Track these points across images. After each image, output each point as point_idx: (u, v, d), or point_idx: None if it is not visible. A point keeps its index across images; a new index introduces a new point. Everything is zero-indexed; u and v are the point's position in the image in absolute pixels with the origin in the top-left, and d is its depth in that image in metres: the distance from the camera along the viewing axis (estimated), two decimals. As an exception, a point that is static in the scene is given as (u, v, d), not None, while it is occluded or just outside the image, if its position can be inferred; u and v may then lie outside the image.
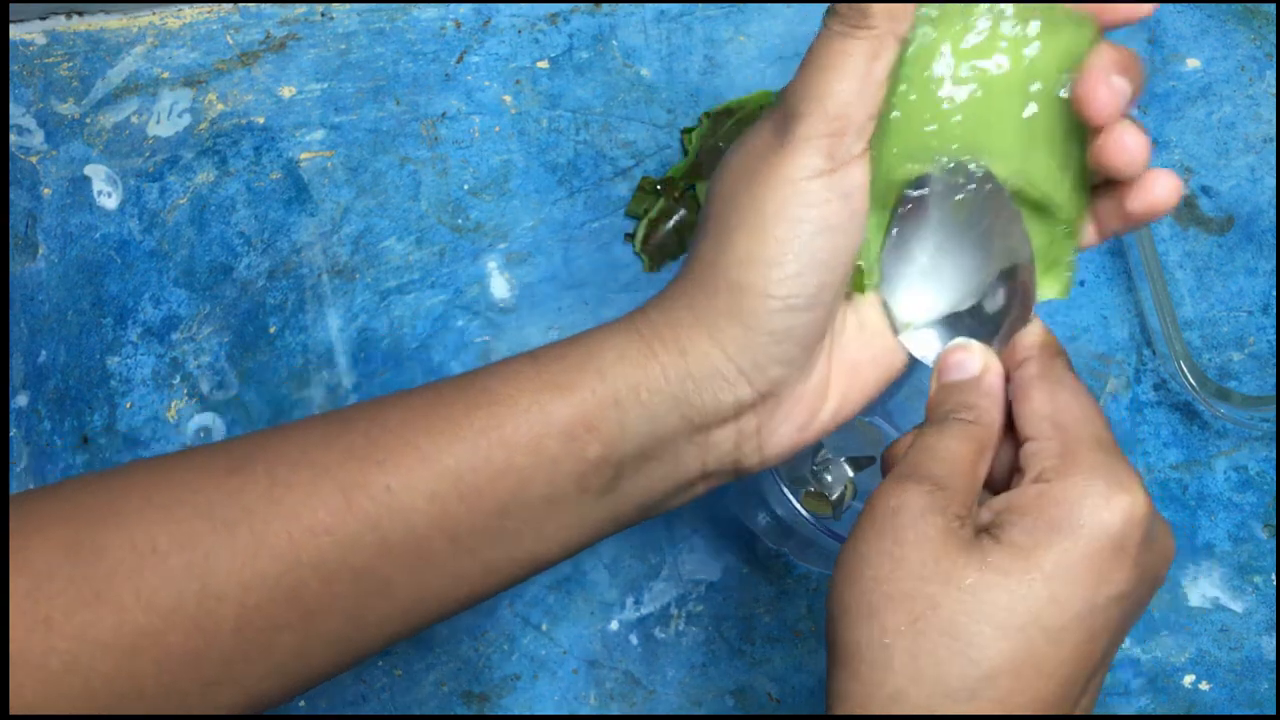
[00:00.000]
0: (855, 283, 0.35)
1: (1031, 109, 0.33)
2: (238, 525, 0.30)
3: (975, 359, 0.34)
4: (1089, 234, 0.36)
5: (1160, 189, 0.33)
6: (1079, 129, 0.33)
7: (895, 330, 0.35)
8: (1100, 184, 0.35)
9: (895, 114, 0.33)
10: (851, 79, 0.31)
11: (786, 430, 0.34)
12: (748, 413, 0.33)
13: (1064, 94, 0.33)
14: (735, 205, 0.32)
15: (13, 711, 0.28)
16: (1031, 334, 0.34)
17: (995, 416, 0.33)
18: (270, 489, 0.30)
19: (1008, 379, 0.34)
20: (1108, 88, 0.32)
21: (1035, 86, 0.33)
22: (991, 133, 0.33)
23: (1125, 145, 0.32)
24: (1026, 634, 0.29)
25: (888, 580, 0.30)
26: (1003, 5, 0.32)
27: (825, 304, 0.32)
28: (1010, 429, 0.33)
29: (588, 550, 0.51)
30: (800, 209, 0.31)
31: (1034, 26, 0.32)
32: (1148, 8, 0.33)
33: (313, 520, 0.30)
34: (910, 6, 0.31)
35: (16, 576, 0.29)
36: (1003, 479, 0.34)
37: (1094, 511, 0.29)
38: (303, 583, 0.30)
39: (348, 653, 0.32)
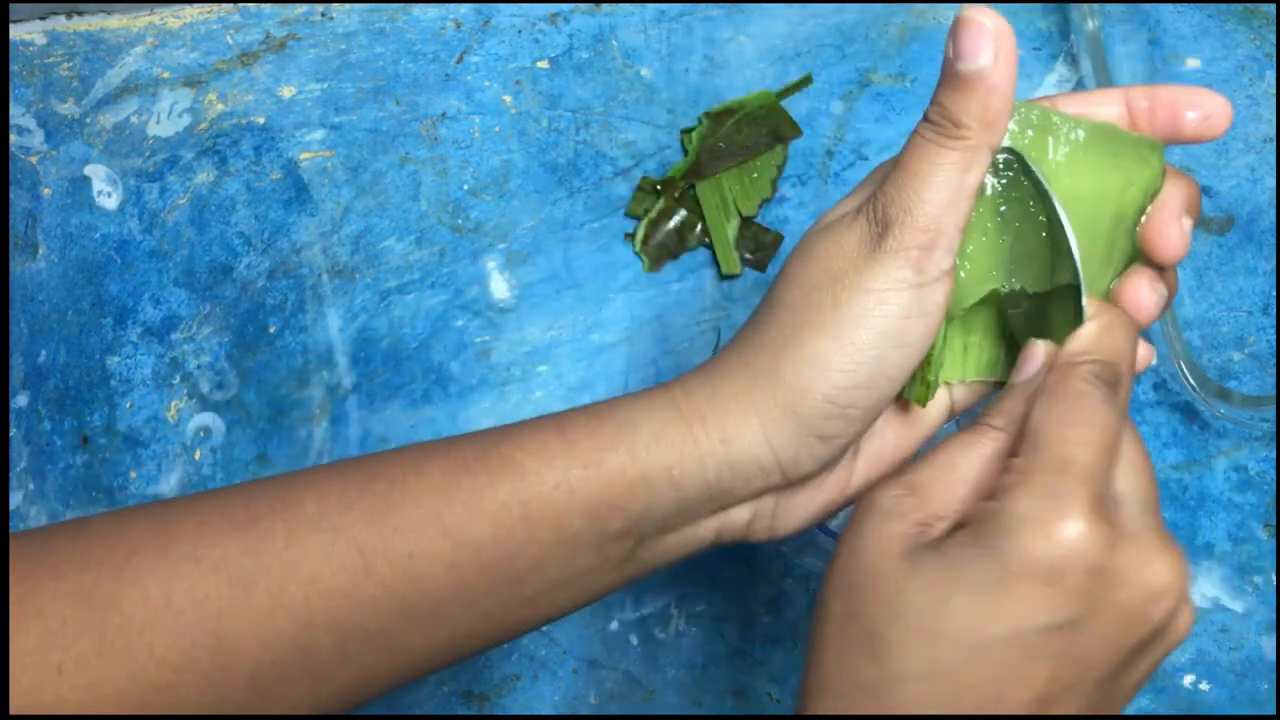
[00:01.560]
0: (917, 394, 0.34)
1: (1101, 236, 0.33)
2: (254, 584, 0.30)
3: (1037, 359, 0.33)
4: None
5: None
6: (1125, 245, 0.34)
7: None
8: None
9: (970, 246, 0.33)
10: (944, 190, 0.31)
11: (801, 514, 0.35)
12: (770, 495, 0.34)
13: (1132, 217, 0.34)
14: (813, 303, 0.32)
15: None
16: (1082, 339, 0.32)
17: (1016, 421, 0.33)
18: (288, 548, 0.31)
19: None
20: (1179, 230, 0.34)
21: (1106, 216, 0.33)
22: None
23: (1173, 245, 0.34)
24: (935, 641, 0.29)
25: (842, 573, 0.31)
26: (1079, 132, 0.33)
27: (874, 415, 0.33)
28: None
29: (588, 550, 0.51)
30: (883, 320, 0.31)
31: (1109, 152, 0.33)
32: (1220, 128, 0.33)
33: (331, 583, 0.30)
34: (1005, 118, 0.31)
35: (31, 622, 0.29)
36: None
37: (1024, 540, 0.29)
38: (316, 643, 0.31)
39: (356, 702, 0.33)
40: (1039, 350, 0.33)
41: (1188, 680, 0.52)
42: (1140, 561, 0.29)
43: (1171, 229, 0.33)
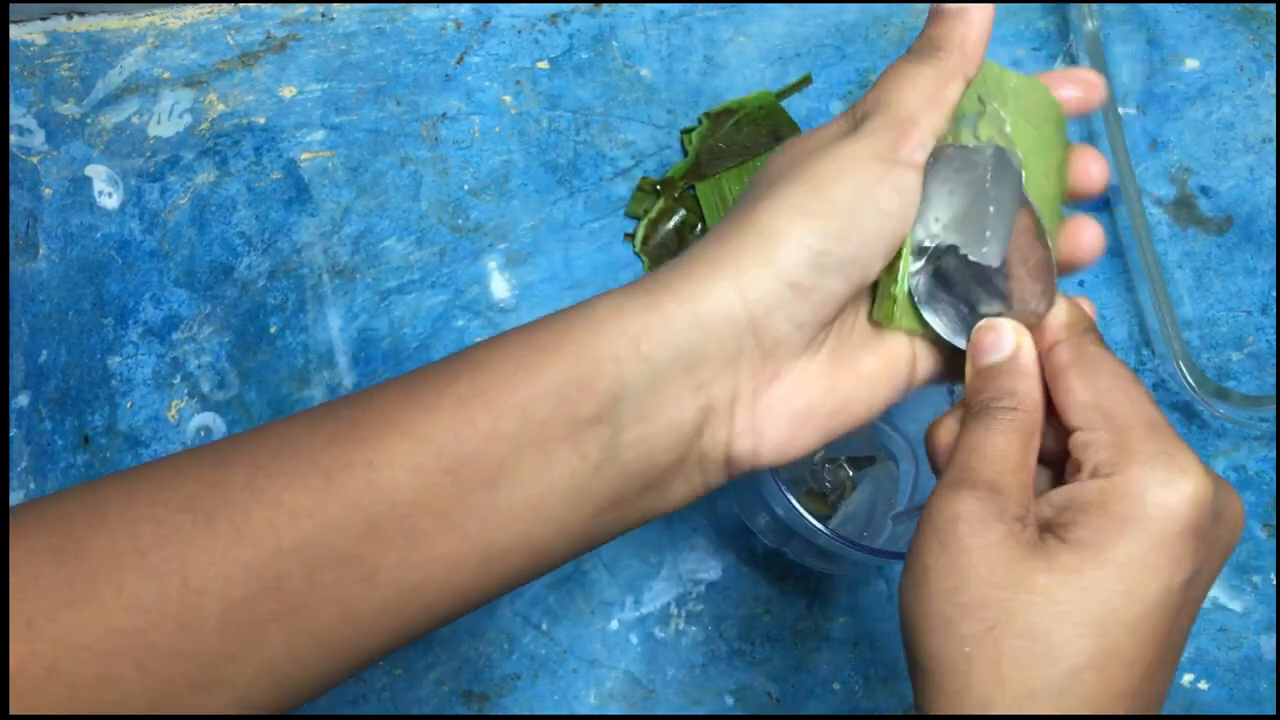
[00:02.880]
0: (885, 312, 0.34)
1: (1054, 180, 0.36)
2: (217, 516, 0.29)
3: (1008, 338, 0.33)
4: None
5: (1087, 237, 0.36)
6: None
7: (916, 314, 0.34)
8: None
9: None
10: (921, 92, 0.33)
11: (783, 413, 0.33)
12: (746, 372, 0.32)
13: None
14: (788, 173, 0.32)
15: None
16: (1058, 314, 0.34)
17: (1036, 398, 0.33)
18: (251, 478, 0.30)
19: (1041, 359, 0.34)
20: (1099, 160, 0.37)
21: (1056, 161, 0.36)
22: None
23: (1092, 175, 0.37)
24: (1105, 628, 0.29)
25: (958, 590, 0.30)
26: (1014, 81, 0.36)
27: (849, 280, 0.32)
28: (1051, 411, 0.33)
29: (588, 550, 0.51)
30: (857, 179, 0.32)
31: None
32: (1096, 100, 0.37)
33: (294, 504, 0.29)
34: (981, 49, 0.33)
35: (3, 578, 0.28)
36: (1052, 460, 0.34)
37: (1158, 502, 0.29)
38: (286, 572, 0.29)
39: (342, 652, 0.31)
40: (1007, 328, 0.34)
41: (1187, 679, 0.52)
42: (1226, 492, 0.31)
43: (1091, 160, 0.37)
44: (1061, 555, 0.29)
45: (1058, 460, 0.33)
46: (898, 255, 0.33)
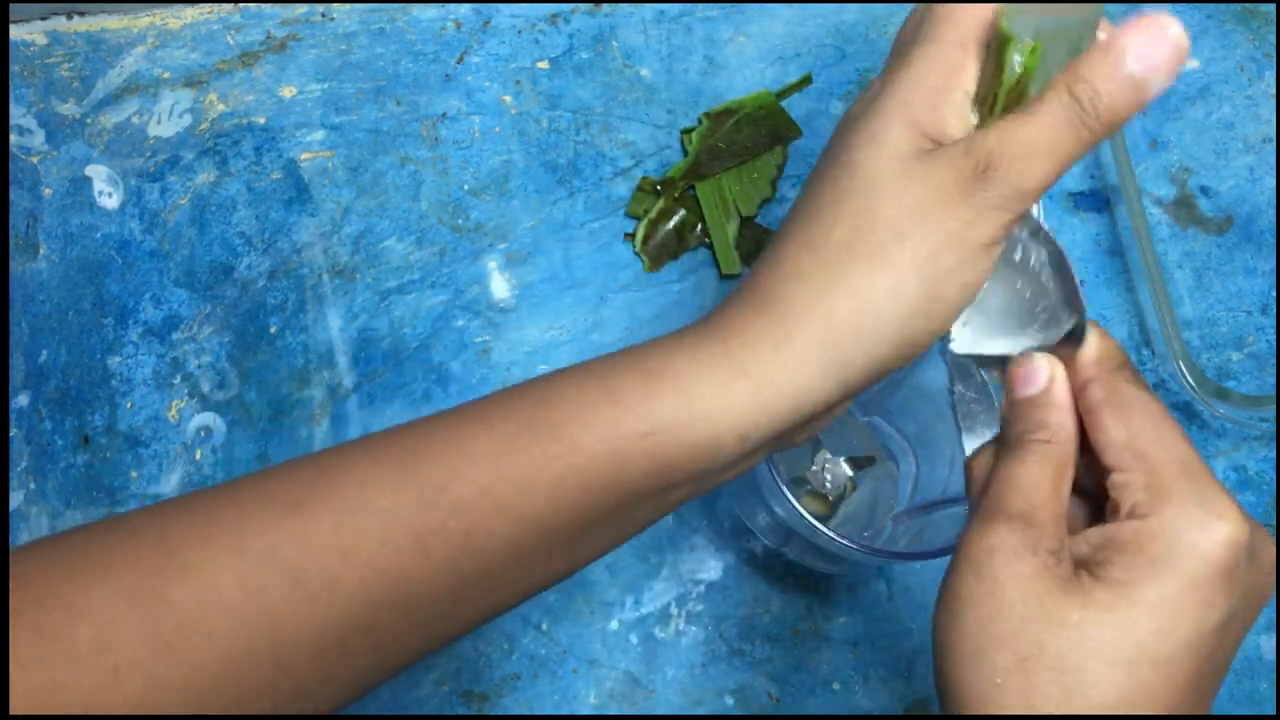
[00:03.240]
0: None
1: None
2: (307, 572, 0.29)
3: (1041, 371, 0.33)
4: None
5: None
6: None
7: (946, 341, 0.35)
8: None
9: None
10: (1059, 165, 0.30)
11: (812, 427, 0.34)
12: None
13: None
14: (898, 239, 0.30)
15: None
16: (1090, 349, 0.33)
17: (1070, 430, 0.33)
18: (336, 534, 0.30)
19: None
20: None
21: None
22: None
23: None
24: (1135, 667, 0.29)
25: (991, 621, 0.30)
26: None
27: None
28: (1087, 447, 0.33)
29: (588, 550, 0.51)
30: (971, 275, 0.31)
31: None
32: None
33: (386, 566, 0.30)
34: (1124, 121, 0.31)
35: (81, 623, 0.28)
36: (1092, 496, 0.34)
37: (1194, 545, 0.29)
38: (377, 622, 0.30)
39: (424, 654, 0.33)
40: (1041, 362, 0.33)
41: (1187, 680, 0.52)
42: (1261, 537, 0.31)
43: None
44: (1096, 592, 0.30)
45: (1097, 496, 0.33)
46: None
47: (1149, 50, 0.30)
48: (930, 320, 0.31)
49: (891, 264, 0.30)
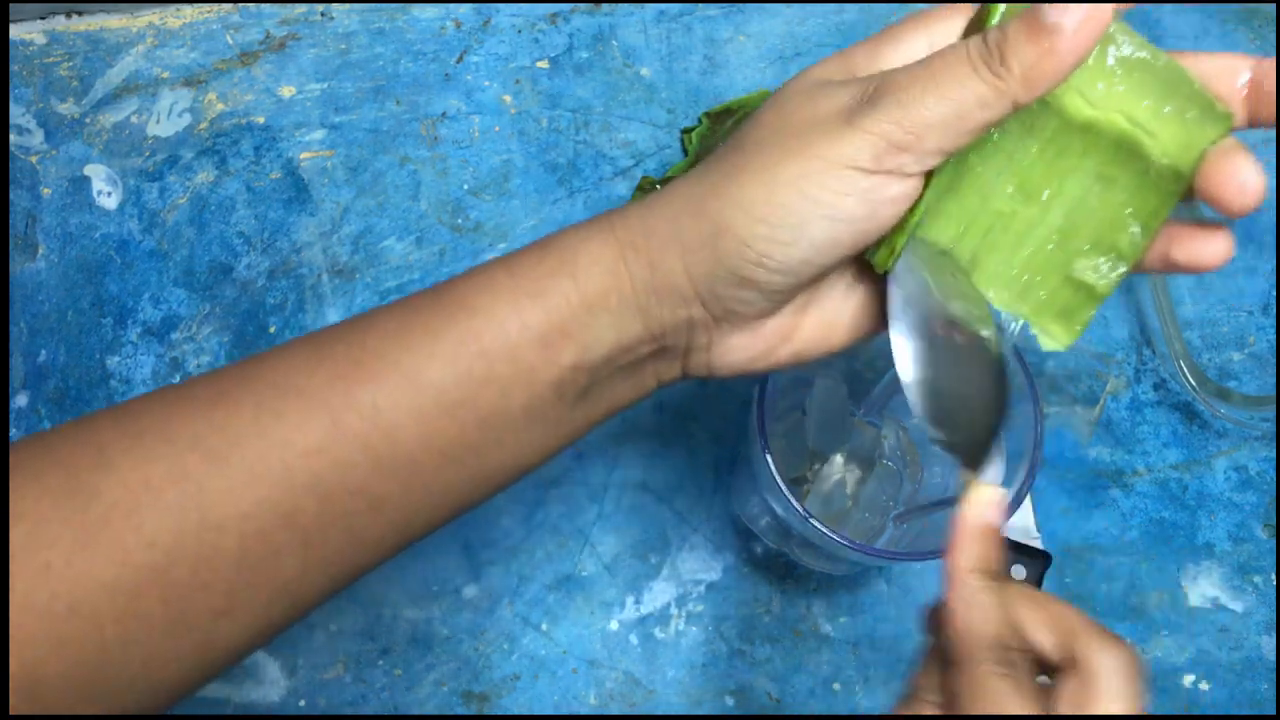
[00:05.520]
0: (880, 258, 0.33)
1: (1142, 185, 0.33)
2: (229, 455, 0.30)
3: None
4: None
5: (1211, 250, 0.33)
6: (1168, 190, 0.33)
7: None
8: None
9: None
10: (949, 107, 0.29)
11: (738, 357, 0.35)
12: (700, 329, 0.34)
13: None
14: (764, 147, 0.31)
15: (21, 656, 0.28)
16: (971, 518, 0.32)
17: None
18: (257, 417, 0.31)
19: None
20: (1253, 163, 0.31)
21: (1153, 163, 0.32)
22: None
23: (1244, 181, 0.31)
24: None
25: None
26: (1142, 54, 0.31)
27: (805, 275, 0.32)
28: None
29: (588, 550, 0.51)
30: (818, 190, 0.31)
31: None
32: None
33: (305, 444, 0.30)
34: (1047, 86, 0.29)
35: (14, 525, 0.29)
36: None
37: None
38: (300, 507, 0.31)
39: (346, 571, 0.33)
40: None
41: (1188, 680, 0.52)
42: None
43: (1243, 164, 0.31)
44: None
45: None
46: (911, 210, 0.32)
47: (1069, 6, 0.29)
48: (770, 226, 0.31)
49: (752, 161, 0.31)
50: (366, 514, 0.32)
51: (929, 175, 0.31)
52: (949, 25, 0.33)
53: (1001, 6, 0.31)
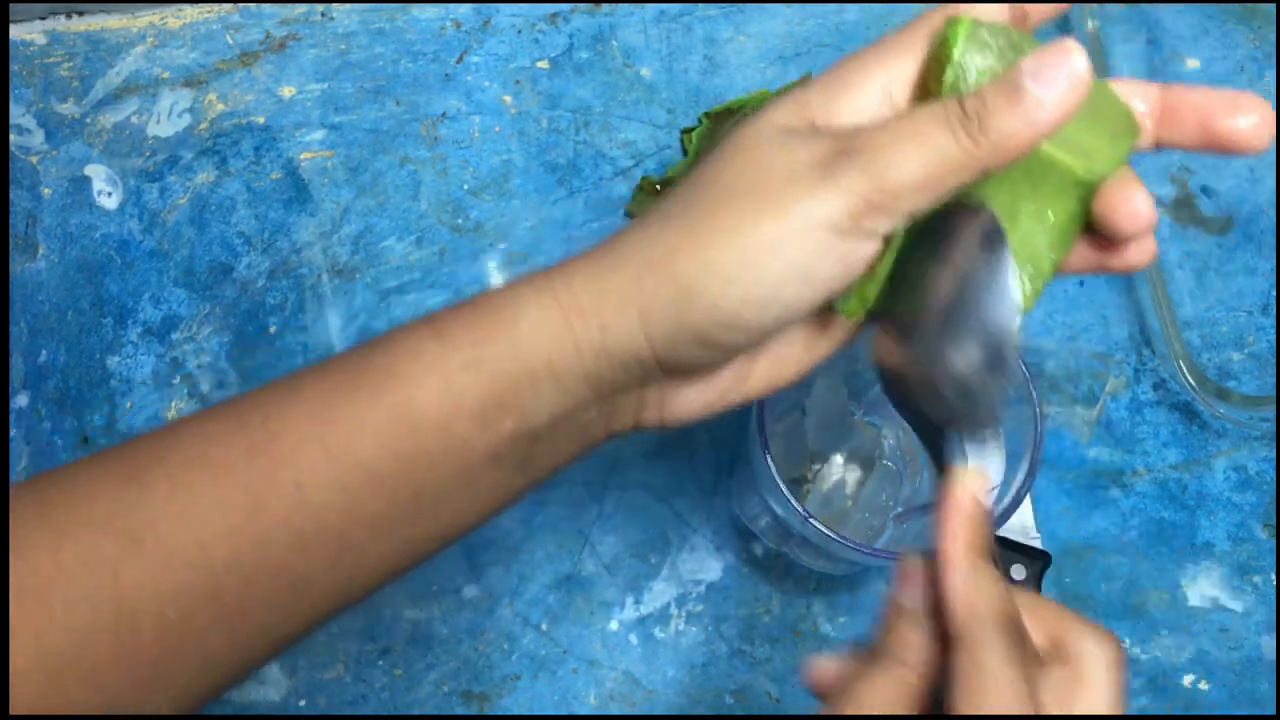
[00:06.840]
0: (850, 308, 0.33)
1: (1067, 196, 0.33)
2: (143, 537, 0.29)
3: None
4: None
5: (1138, 254, 0.33)
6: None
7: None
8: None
9: None
10: (926, 171, 0.29)
11: (691, 407, 0.34)
12: (652, 386, 0.33)
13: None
14: (732, 208, 0.30)
15: None
16: (964, 499, 0.31)
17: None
18: (172, 495, 0.29)
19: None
20: (1144, 195, 0.32)
21: (1076, 176, 0.32)
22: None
23: (1137, 211, 0.32)
24: None
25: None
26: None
27: (772, 332, 0.31)
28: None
29: (588, 550, 0.51)
30: (796, 253, 0.29)
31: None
32: (1266, 138, 0.32)
33: (222, 525, 0.29)
34: (1019, 152, 0.29)
35: None
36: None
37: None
38: (221, 587, 0.29)
39: (280, 637, 0.32)
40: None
41: (1188, 680, 0.52)
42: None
43: (1135, 194, 0.31)
44: None
45: None
46: (879, 259, 0.32)
47: (1046, 70, 0.29)
48: (740, 287, 0.30)
49: (723, 220, 0.30)
50: (292, 590, 0.30)
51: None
52: (904, 66, 0.31)
53: (961, 36, 0.31)
